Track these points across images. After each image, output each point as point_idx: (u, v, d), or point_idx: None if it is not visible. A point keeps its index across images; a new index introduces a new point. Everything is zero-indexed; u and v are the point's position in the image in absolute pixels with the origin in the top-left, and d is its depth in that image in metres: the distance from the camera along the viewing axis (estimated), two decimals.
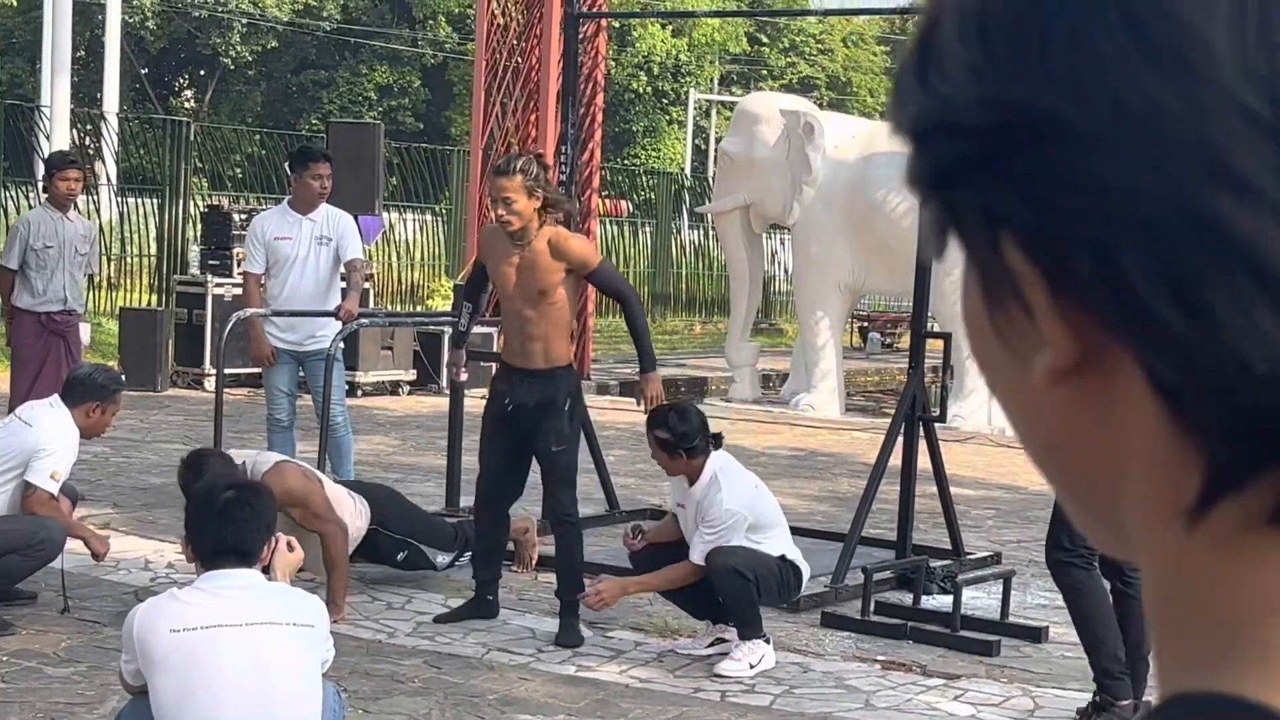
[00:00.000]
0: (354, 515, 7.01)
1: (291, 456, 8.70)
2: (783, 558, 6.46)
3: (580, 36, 10.72)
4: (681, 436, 6.36)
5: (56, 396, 6.90)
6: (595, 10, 16.57)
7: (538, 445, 6.64)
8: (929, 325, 8.39)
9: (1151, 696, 5.60)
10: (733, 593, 6.24)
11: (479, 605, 6.87)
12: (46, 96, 23.08)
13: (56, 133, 17.02)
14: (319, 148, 12.00)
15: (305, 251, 8.90)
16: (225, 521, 3.99)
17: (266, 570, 4.15)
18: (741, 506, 6.33)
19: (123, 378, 7.34)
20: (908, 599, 7.38)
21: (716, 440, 6.46)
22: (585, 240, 6.70)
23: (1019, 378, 0.60)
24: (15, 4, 46.94)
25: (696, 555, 6.29)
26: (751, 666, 6.23)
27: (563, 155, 8.99)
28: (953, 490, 8.11)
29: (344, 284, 9.10)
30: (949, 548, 8.13)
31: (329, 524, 6.71)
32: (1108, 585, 5.54)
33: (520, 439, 6.65)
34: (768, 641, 6.34)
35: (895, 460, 7.69)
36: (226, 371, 9.64)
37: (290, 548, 4.38)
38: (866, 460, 11.69)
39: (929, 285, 7.82)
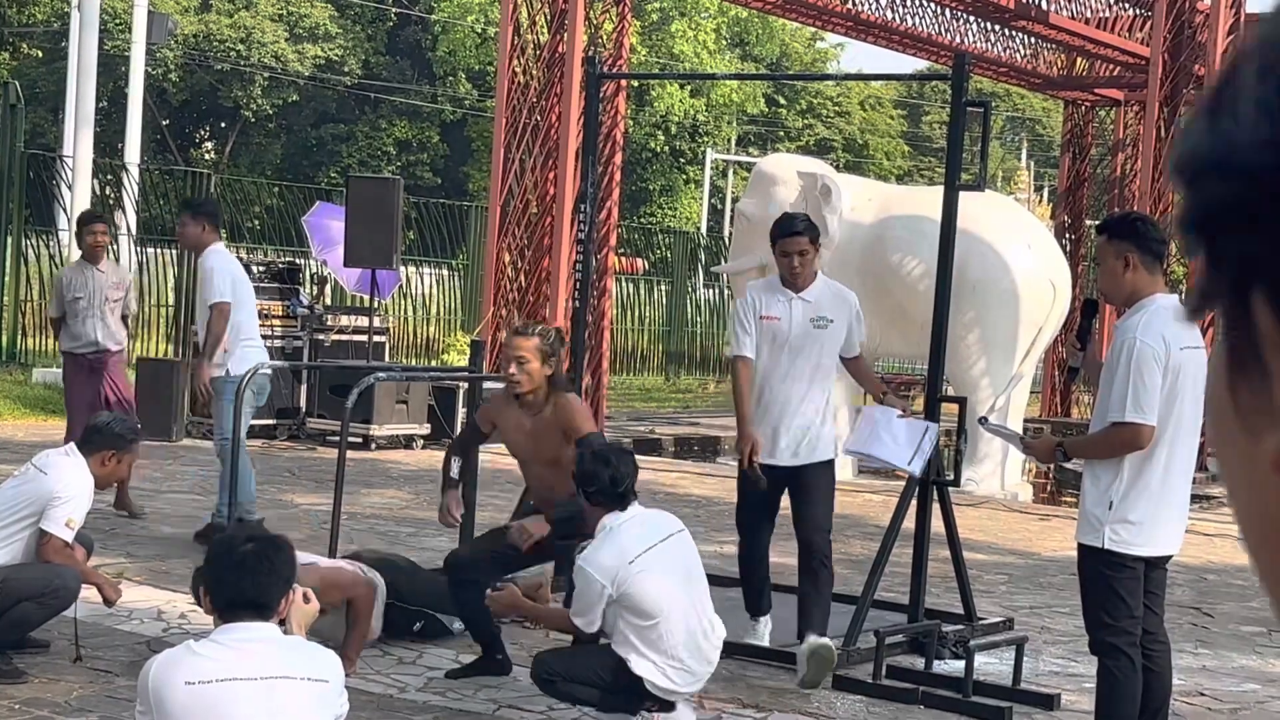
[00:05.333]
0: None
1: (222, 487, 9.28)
2: (624, 663, 5.79)
3: (600, 95, 10.79)
4: (583, 476, 5.95)
5: (72, 444, 6.93)
6: (616, 71, 16.69)
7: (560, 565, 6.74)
8: (943, 389, 8.41)
9: None
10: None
11: (490, 662, 6.87)
12: (69, 146, 23.25)
13: (79, 183, 17.13)
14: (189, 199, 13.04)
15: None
16: (243, 574, 4.00)
17: (283, 623, 4.16)
18: (597, 570, 5.77)
19: (139, 427, 7.37)
20: (919, 663, 7.36)
21: (622, 500, 5.95)
22: (586, 411, 6.84)
23: (1247, 456, 0.54)
24: (40, 55, 47.33)
25: (568, 604, 5.99)
26: None
27: (581, 213, 9.05)
28: (965, 555, 8.10)
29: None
30: (961, 612, 8.11)
31: (356, 588, 6.75)
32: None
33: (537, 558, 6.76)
34: None
35: (907, 523, 7.68)
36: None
37: (306, 599, 4.39)
38: (879, 522, 11.66)
39: (944, 349, 7.84)
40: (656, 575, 5.81)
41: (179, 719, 3.84)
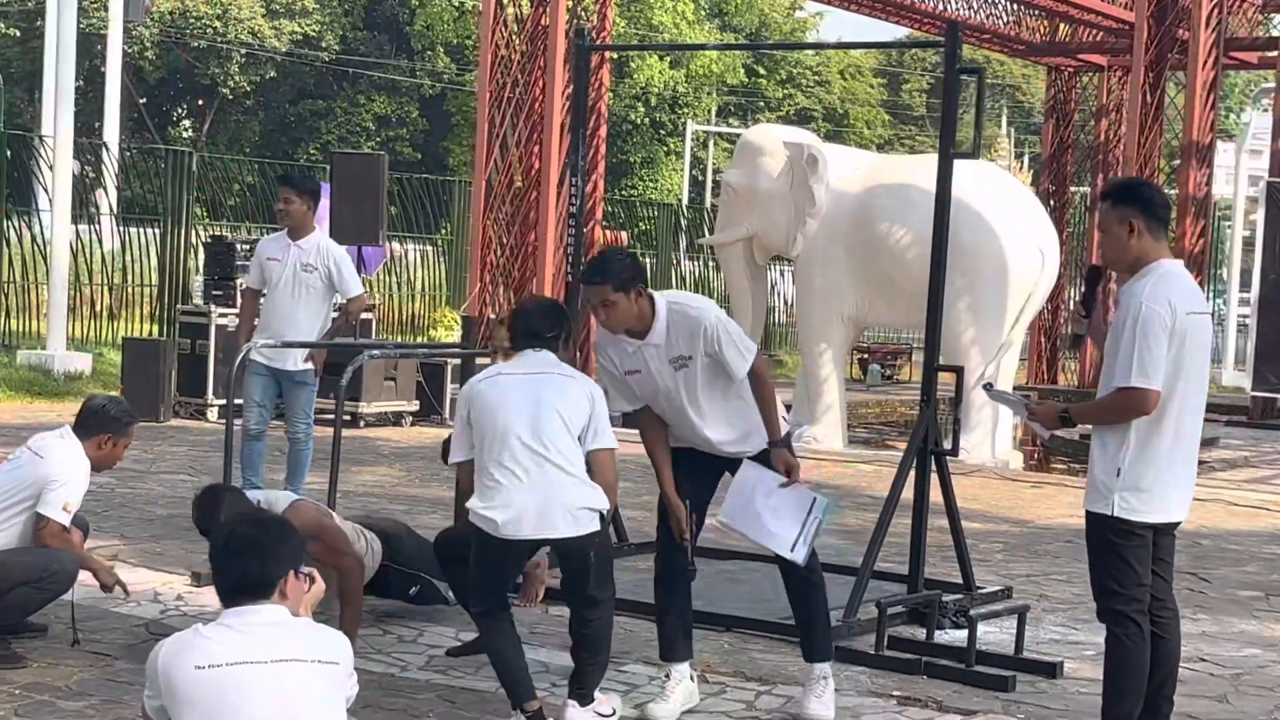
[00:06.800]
0: (365, 552, 6.98)
1: (262, 463, 9.35)
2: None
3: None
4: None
5: (67, 427, 6.86)
6: (601, 43, 16.59)
7: None
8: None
9: None
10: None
11: None
12: (47, 126, 23.07)
13: (60, 162, 17.00)
14: (290, 175, 12.41)
15: (290, 275, 9.40)
16: (241, 558, 3.96)
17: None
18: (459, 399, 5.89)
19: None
20: (920, 634, 7.34)
21: (517, 343, 5.87)
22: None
23: None
24: (16, 34, 46.99)
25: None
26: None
27: (573, 186, 8.99)
28: (961, 524, 8.08)
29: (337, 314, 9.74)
30: (959, 582, 8.09)
31: (346, 558, 6.68)
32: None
33: None
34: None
35: (904, 493, 7.65)
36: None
37: (311, 580, 4.35)
38: (872, 493, 11.65)
39: (940, 318, 7.79)
40: (501, 390, 5.65)
41: (190, 703, 3.80)
